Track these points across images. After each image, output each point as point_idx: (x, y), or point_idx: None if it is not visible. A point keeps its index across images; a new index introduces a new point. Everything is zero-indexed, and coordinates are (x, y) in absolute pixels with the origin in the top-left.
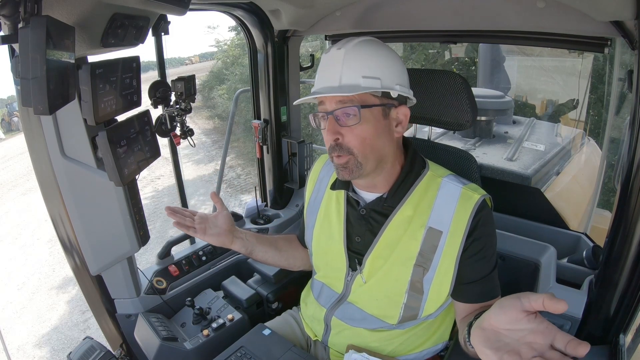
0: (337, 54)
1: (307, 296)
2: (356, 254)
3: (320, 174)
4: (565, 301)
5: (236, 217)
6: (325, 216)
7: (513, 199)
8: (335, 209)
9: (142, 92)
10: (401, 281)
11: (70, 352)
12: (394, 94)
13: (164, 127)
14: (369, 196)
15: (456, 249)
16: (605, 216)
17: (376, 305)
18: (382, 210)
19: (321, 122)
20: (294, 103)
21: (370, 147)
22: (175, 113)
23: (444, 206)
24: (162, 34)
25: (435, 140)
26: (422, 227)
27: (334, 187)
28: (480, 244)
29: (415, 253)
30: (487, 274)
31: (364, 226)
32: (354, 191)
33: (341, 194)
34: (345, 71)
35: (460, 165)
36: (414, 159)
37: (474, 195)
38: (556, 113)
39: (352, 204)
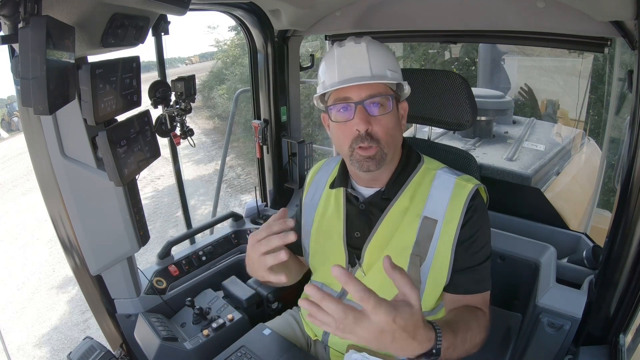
0: (358, 47)
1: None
2: (355, 249)
3: (316, 177)
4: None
5: (236, 217)
6: (323, 216)
7: (513, 199)
8: (334, 207)
9: (142, 92)
10: None
11: (70, 352)
12: (407, 89)
13: (164, 127)
14: (367, 191)
15: (451, 237)
16: (605, 216)
17: None
18: (380, 203)
19: (339, 115)
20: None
21: (392, 137)
22: (175, 113)
23: (438, 196)
24: (162, 34)
25: (435, 140)
26: (417, 217)
27: (332, 185)
28: (472, 230)
29: (411, 243)
30: (477, 264)
31: (363, 221)
32: (352, 187)
33: (340, 193)
34: (374, 62)
35: (460, 165)
36: (410, 153)
37: (468, 184)
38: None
39: (351, 200)
